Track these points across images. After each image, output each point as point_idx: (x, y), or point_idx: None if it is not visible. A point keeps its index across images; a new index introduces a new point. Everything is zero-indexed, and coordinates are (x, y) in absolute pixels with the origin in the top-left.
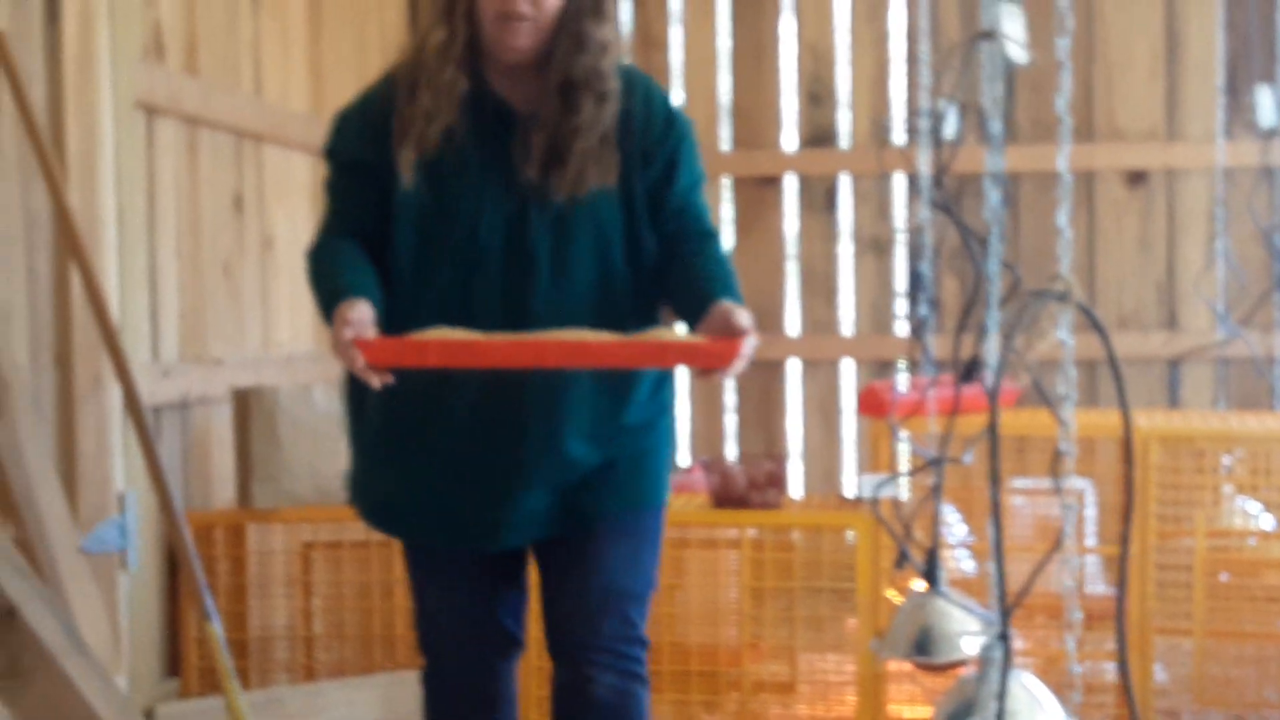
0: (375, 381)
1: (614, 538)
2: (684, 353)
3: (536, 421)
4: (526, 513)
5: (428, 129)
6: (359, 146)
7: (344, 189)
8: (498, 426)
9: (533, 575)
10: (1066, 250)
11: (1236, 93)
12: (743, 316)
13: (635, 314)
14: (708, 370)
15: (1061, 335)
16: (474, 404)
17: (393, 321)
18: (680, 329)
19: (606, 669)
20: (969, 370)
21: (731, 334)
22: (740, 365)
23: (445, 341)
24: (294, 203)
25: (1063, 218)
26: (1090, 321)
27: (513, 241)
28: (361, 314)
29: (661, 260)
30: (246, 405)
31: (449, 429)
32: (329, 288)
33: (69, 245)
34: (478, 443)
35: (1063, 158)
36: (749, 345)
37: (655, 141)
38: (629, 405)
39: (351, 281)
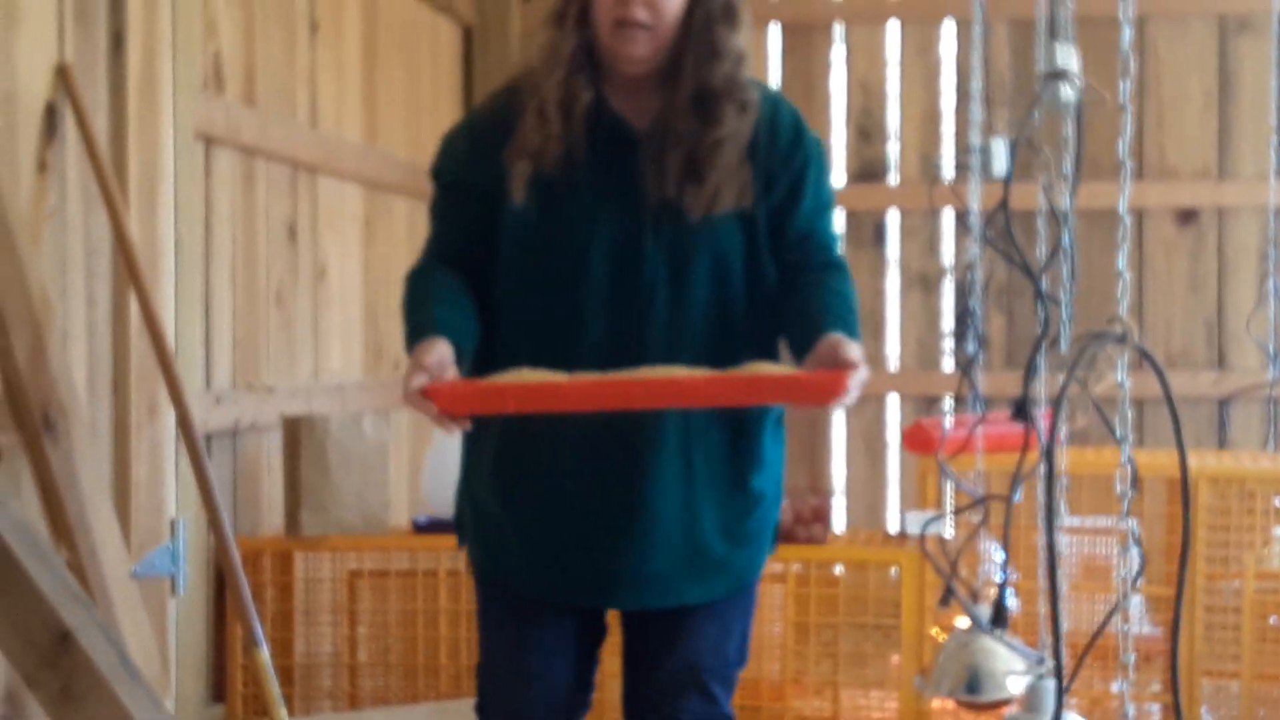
0: (453, 429)
1: (710, 618)
2: (783, 387)
3: (663, 471)
4: (644, 573)
5: (545, 141)
6: (464, 166)
7: (447, 210)
8: (620, 474)
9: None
10: (1125, 293)
11: None
12: (852, 349)
13: (753, 347)
14: (812, 405)
15: (1120, 378)
16: (597, 447)
17: (496, 352)
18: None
19: None
20: (1020, 409)
21: (839, 366)
22: (848, 400)
23: (524, 386)
24: (347, 233)
25: (1121, 260)
26: (1148, 363)
27: (625, 269)
28: (439, 356)
29: (781, 289)
30: (297, 433)
31: (570, 473)
32: (414, 320)
33: (128, 272)
34: (598, 492)
35: (1123, 201)
36: (857, 379)
37: (780, 163)
38: (757, 449)
39: (438, 315)
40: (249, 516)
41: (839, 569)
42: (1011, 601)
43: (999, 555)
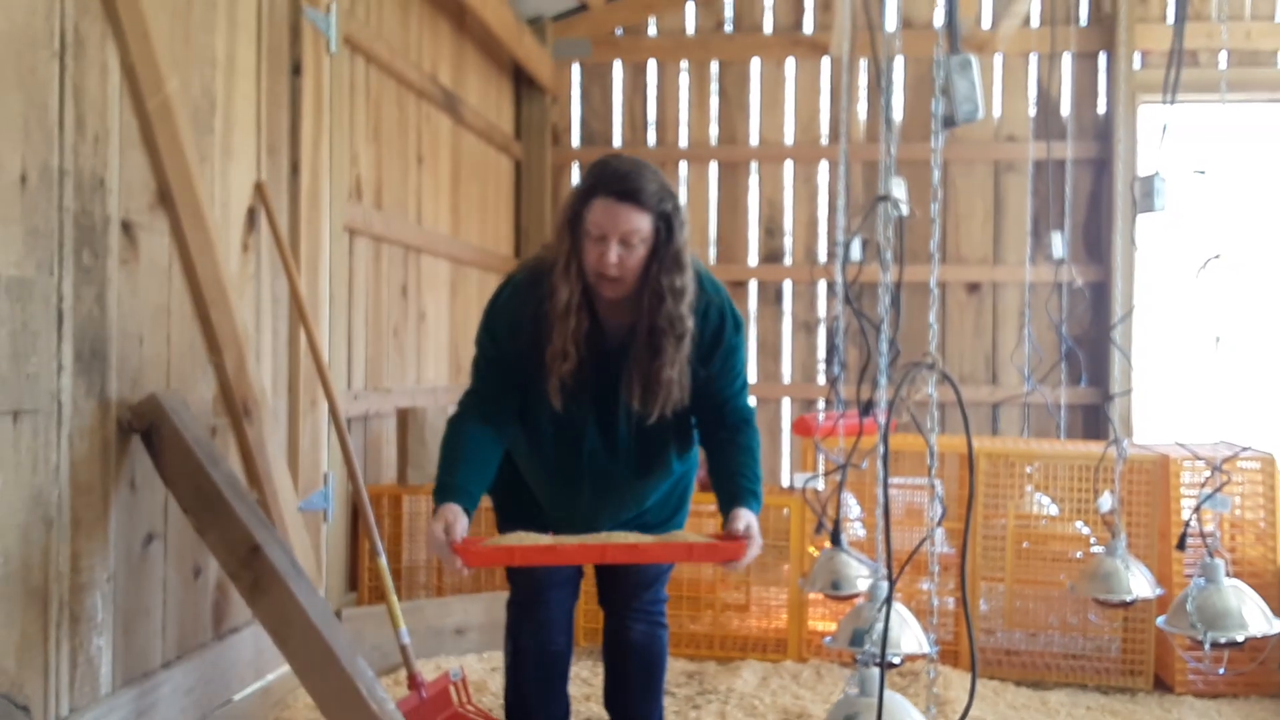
0: (463, 572)
1: None
2: (705, 551)
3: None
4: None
5: (564, 366)
6: (503, 346)
7: (488, 374)
8: (586, 509)
9: None
10: (934, 337)
11: (1039, 235)
12: (752, 527)
13: (682, 457)
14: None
15: (930, 390)
16: (594, 489)
17: (524, 454)
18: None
19: (639, 621)
20: (867, 408)
21: (742, 537)
22: (750, 556)
23: (525, 548)
24: (439, 292)
25: (931, 315)
26: (948, 381)
27: (606, 429)
28: (450, 522)
29: (706, 439)
30: (405, 419)
31: (559, 498)
32: (443, 479)
33: (299, 315)
34: (573, 511)
35: (932, 278)
36: (754, 547)
37: (706, 354)
38: (672, 474)
39: (459, 480)
40: (374, 472)
41: None
42: (860, 531)
43: (848, 501)
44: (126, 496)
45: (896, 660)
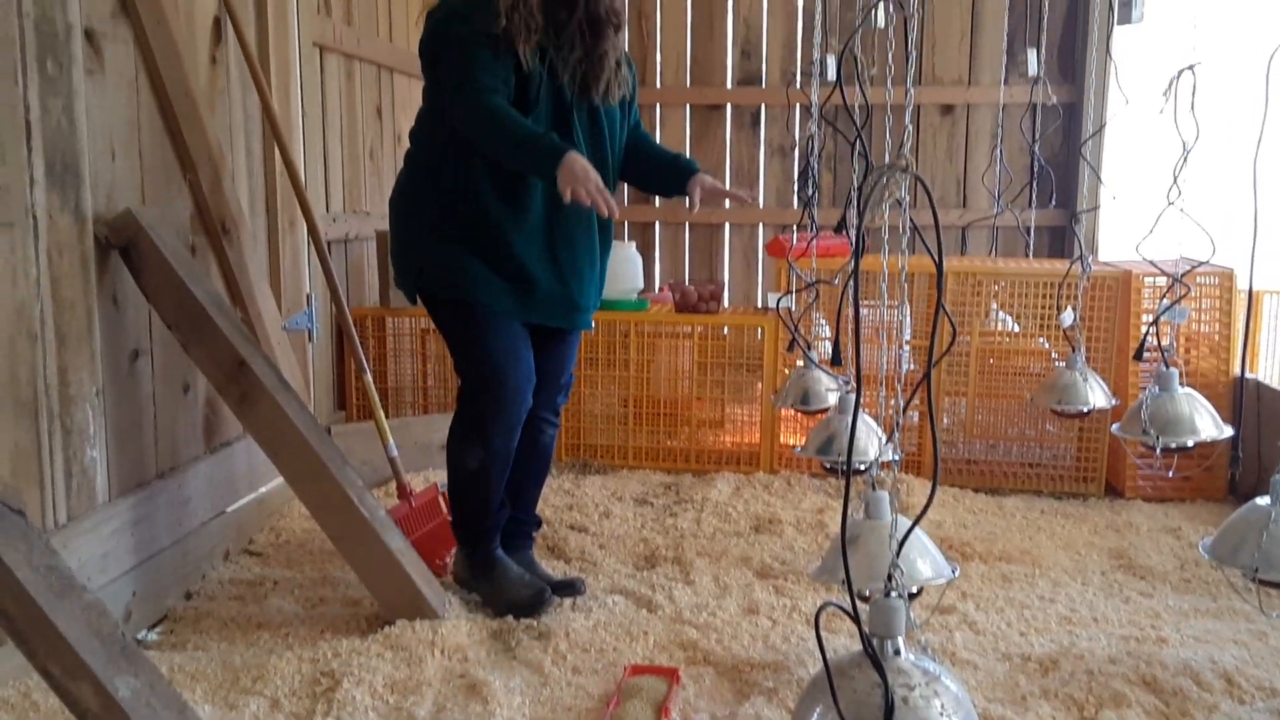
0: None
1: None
2: None
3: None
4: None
5: (530, 37)
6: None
7: (489, 58)
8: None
9: None
10: (907, 140)
11: (1014, 55)
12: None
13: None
14: None
15: (902, 194)
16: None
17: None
18: None
19: (552, 425)
20: (839, 228)
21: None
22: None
23: None
24: (413, 113)
25: (906, 116)
26: (920, 185)
27: (559, 127)
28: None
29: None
30: (385, 242)
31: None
32: (542, 136)
33: (273, 133)
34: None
35: (909, 100)
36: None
37: (631, 100)
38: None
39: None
40: (356, 293)
41: (726, 330)
42: (831, 350)
43: (822, 322)
44: (110, 312)
45: (863, 469)
